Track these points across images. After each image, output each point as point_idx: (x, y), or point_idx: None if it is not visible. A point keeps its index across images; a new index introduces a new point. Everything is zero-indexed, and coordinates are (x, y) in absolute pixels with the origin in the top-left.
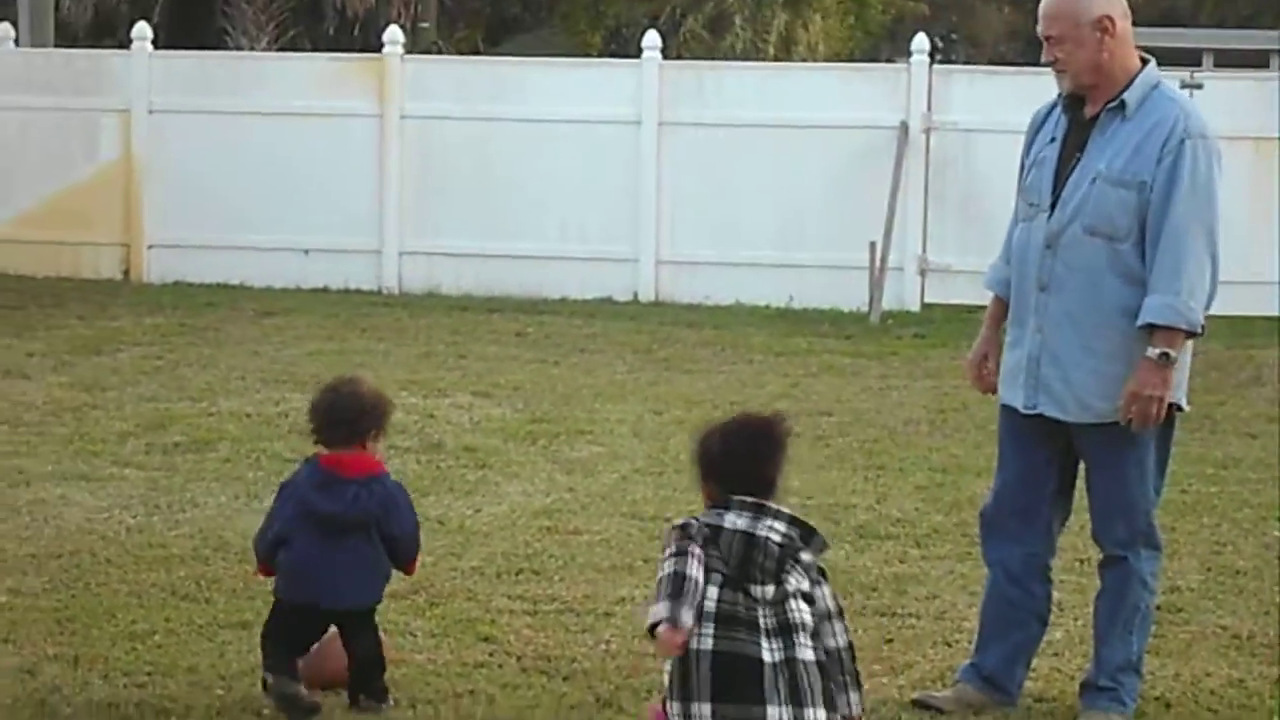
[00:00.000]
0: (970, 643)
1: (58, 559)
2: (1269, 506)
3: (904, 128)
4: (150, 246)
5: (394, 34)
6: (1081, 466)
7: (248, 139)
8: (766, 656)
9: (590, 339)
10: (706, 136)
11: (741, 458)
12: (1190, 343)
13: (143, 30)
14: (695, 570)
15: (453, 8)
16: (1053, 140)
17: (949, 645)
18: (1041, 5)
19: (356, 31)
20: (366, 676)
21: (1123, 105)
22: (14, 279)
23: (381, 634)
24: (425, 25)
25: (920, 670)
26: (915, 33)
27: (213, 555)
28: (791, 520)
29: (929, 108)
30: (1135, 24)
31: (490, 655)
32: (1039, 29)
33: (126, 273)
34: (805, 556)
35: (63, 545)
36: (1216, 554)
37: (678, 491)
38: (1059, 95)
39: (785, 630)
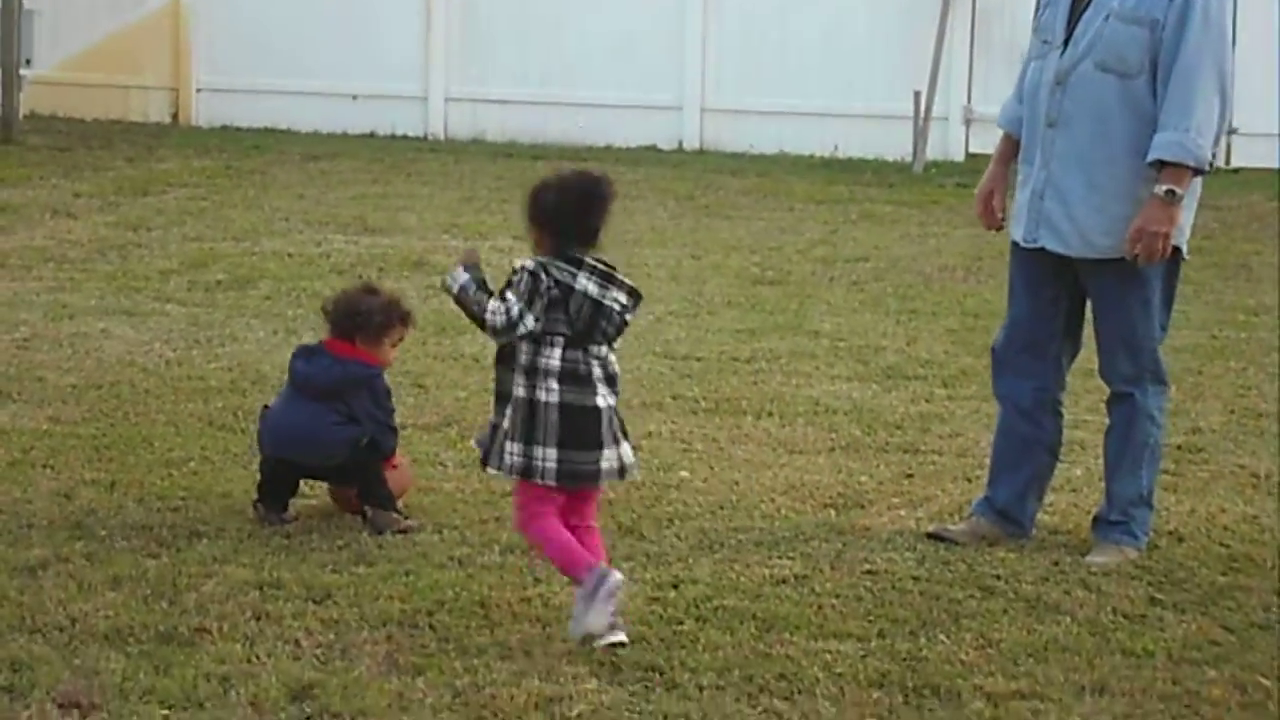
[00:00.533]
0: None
1: (98, 389)
2: None
3: None
4: (199, 90)
5: None
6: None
7: None
8: (601, 403)
9: (633, 186)
10: None
11: (573, 210)
12: (1198, 184)
13: None
14: (530, 319)
15: None
16: None
17: (969, 480)
18: None
19: None
20: (367, 493)
21: None
22: (63, 121)
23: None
24: None
25: (939, 504)
26: None
27: (250, 387)
28: (630, 290)
29: None
30: None
31: None
32: None
33: (175, 116)
34: (629, 318)
35: (103, 376)
36: (1240, 397)
37: (710, 333)
38: None
39: (609, 380)
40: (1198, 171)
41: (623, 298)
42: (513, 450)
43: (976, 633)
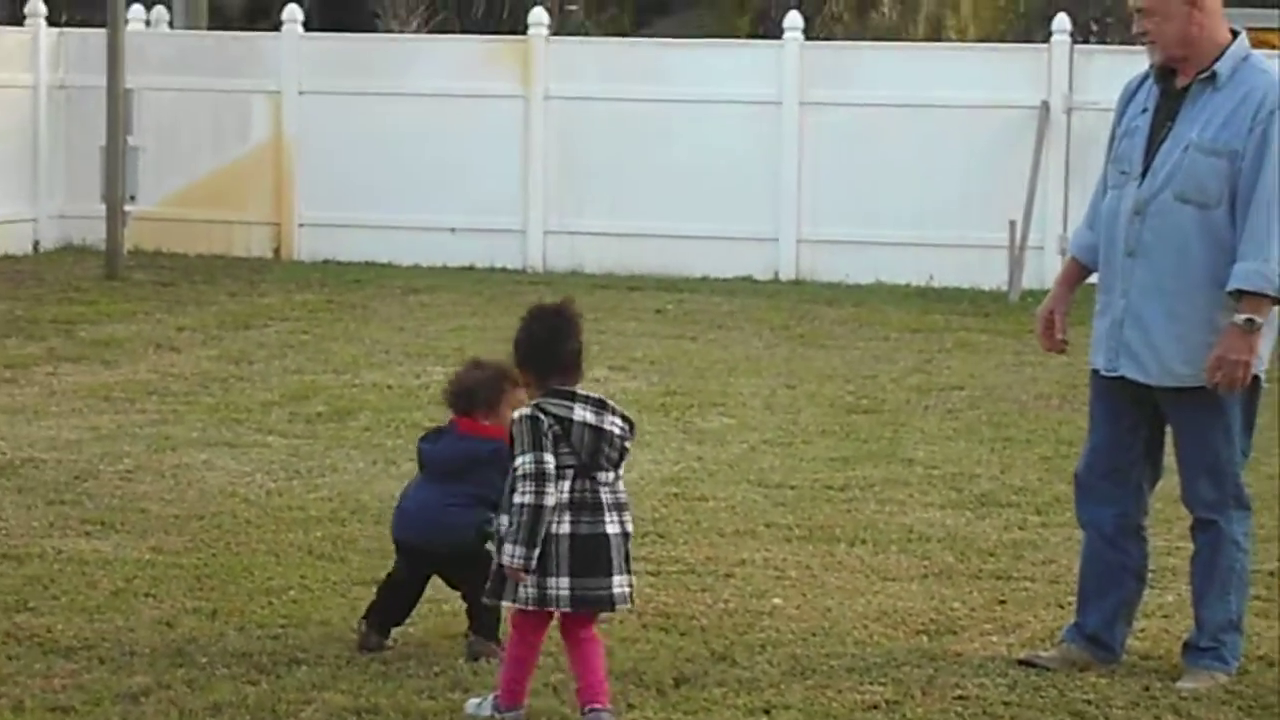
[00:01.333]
0: None
1: (199, 520)
2: None
3: (1045, 107)
4: (301, 225)
5: (539, 15)
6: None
7: (395, 120)
8: (611, 529)
9: (728, 316)
10: (846, 116)
11: (543, 343)
12: (1276, 312)
13: (294, 13)
14: (548, 498)
15: None
16: (1144, 111)
17: (1061, 607)
18: None
19: (505, 15)
20: (474, 614)
21: (1214, 76)
22: (168, 256)
23: None
24: (574, 7)
25: (1030, 630)
26: (1068, 13)
27: (350, 517)
28: (624, 416)
29: (1070, 87)
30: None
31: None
32: (1130, 1)
33: (277, 251)
34: (629, 444)
35: (205, 507)
36: None
37: (804, 461)
38: (1150, 67)
39: (618, 506)
40: (1277, 300)
41: (619, 421)
42: (527, 584)
43: None
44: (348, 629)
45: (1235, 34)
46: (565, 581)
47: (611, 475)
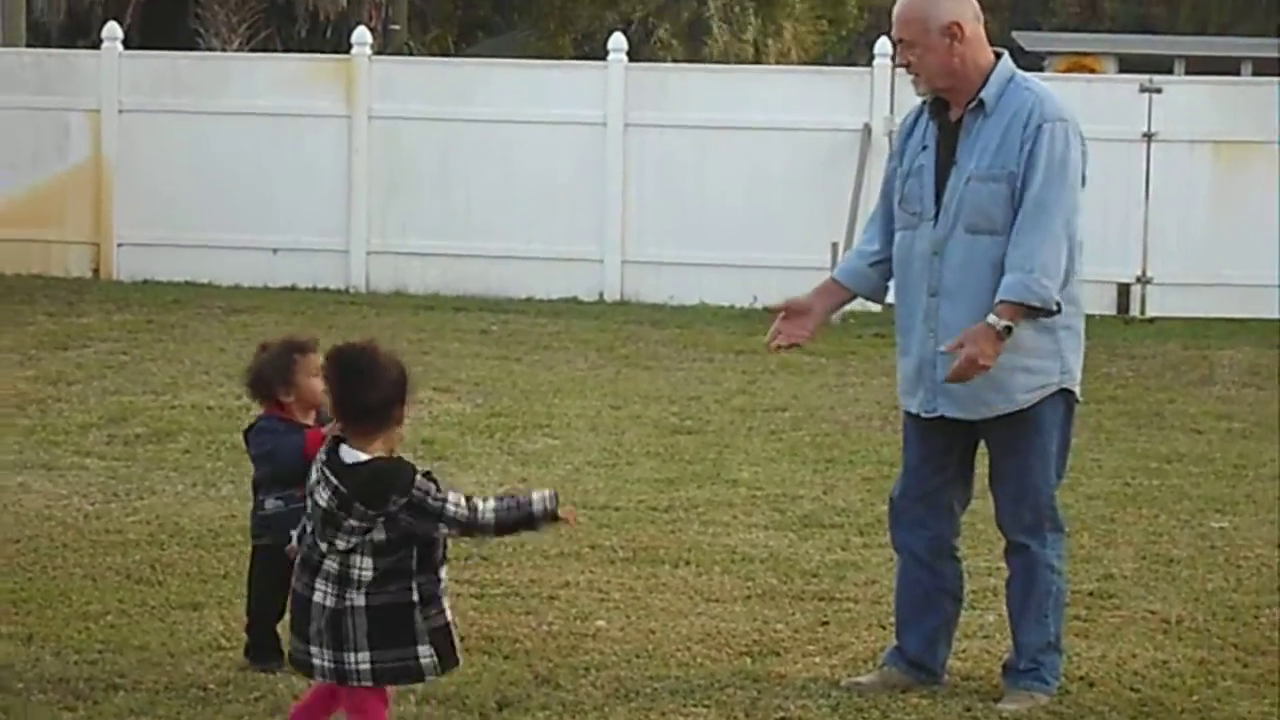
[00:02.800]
0: None
1: (15, 544)
2: (1208, 499)
3: (867, 130)
4: (120, 245)
5: (362, 35)
6: (982, 457)
7: (217, 139)
8: (318, 598)
9: (554, 337)
10: (671, 138)
11: (332, 384)
12: (1082, 328)
13: (113, 30)
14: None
15: (424, 10)
16: (925, 148)
17: (883, 628)
18: (895, 9)
19: (329, 34)
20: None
21: (982, 104)
22: None
23: None
24: (396, 27)
25: (854, 651)
26: (888, 37)
27: (168, 540)
28: (336, 490)
29: (892, 110)
30: (1107, 30)
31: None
32: (892, 33)
33: (96, 270)
34: (351, 522)
35: (21, 530)
36: (1152, 543)
37: (629, 483)
38: (923, 101)
39: (342, 580)
40: (1038, 311)
41: (325, 495)
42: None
43: None
44: (165, 654)
45: (999, 56)
46: (305, 646)
47: (325, 546)
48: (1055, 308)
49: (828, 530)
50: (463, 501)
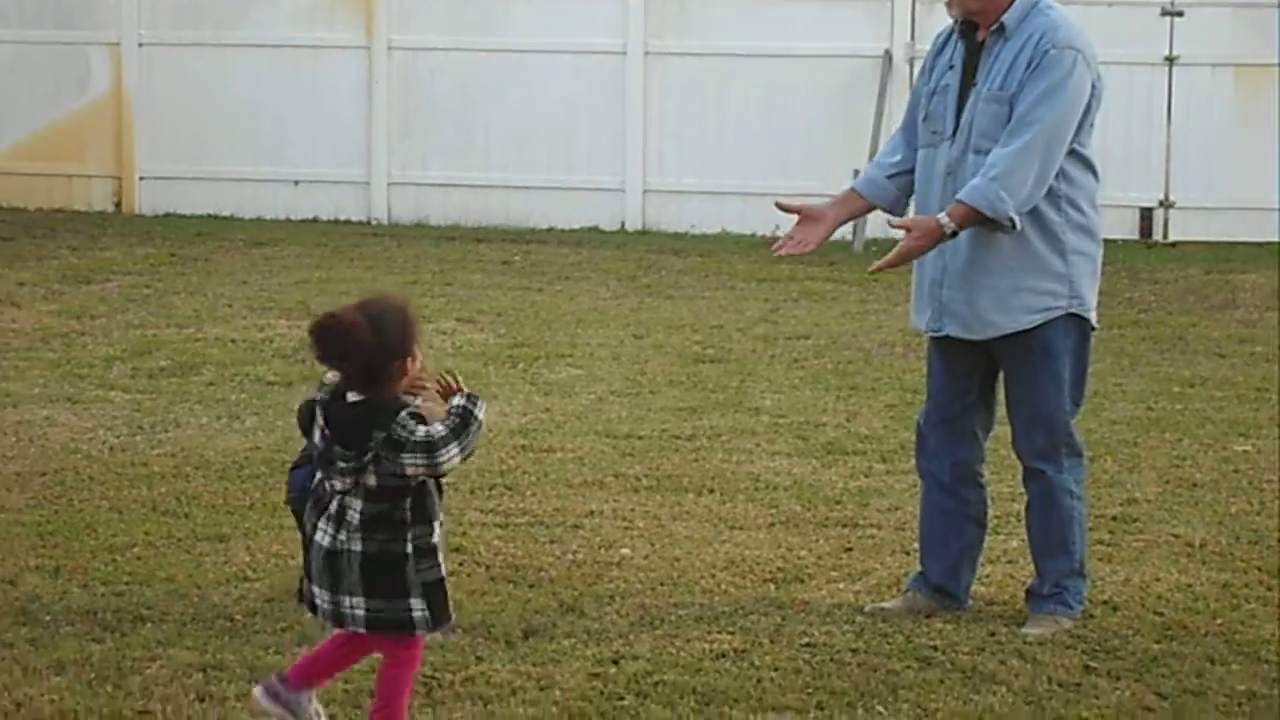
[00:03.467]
0: None
1: (42, 476)
2: (1231, 423)
3: (888, 57)
4: (141, 178)
5: None
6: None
7: (237, 71)
8: (320, 539)
9: (575, 267)
10: (692, 66)
11: (319, 356)
12: (1099, 255)
13: None
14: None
15: None
16: (951, 68)
17: (907, 554)
18: None
19: None
20: None
21: (1003, 27)
22: (6, 211)
23: None
24: None
25: (877, 577)
26: None
27: (193, 473)
28: (322, 430)
29: (912, 37)
30: None
31: (460, 565)
32: None
33: (118, 204)
34: (341, 463)
35: (47, 464)
36: (1176, 468)
37: (652, 411)
38: (954, 21)
39: (339, 521)
40: (987, 221)
41: (319, 433)
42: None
43: (914, 703)
44: (191, 586)
45: None
46: (312, 587)
47: (328, 487)
48: (1009, 224)
49: (851, 457)
50: (433, 431)
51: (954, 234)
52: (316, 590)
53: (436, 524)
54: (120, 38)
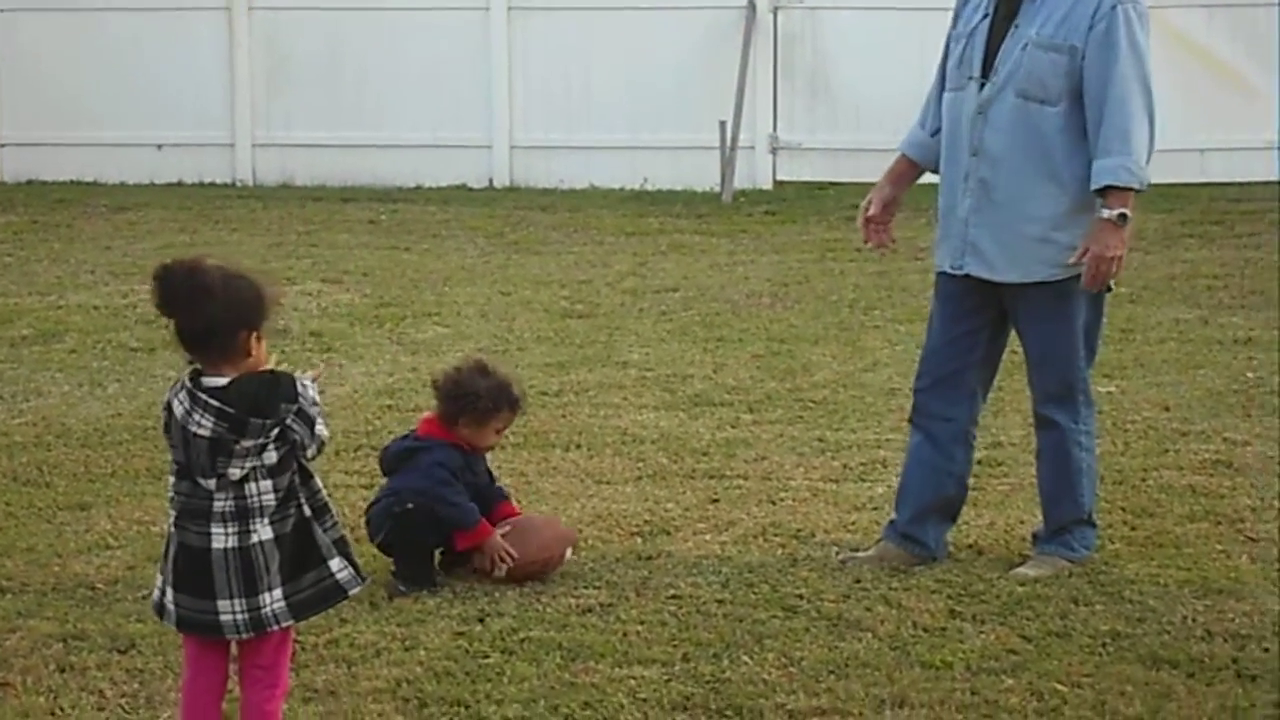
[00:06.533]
0: (793, 500)
1: None
2: (1098, 365)
3: (751, 6)
4: (3, 145)
5: None
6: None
7: (99, 36)
8: (217, 544)
9: (443, 225)
10: (555, 21)
11: (159, 308)
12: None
13: None
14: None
15: None
16: (985, 16)
17: (773, 504)
18: None
19: None
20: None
21: None
22: None
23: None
24: None
25: (744, 527)
26: None
27: (55, 441)
28: (221, 412)
29: None
30: None
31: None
32: None
33: None
34: (246, 444)
35: None
36: None
37: (520, 368)
38: None
39: (241, 515)
40: (1140, 193)
41: (208, 421)
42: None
43: (779, 652)
44: (52, 556)
45: None
46: (171, 595)
47: (214, 481)
48: (1146, 187)
49: (718, 409)
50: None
51: (1124, 219)
52: (221, 605)
53: (316, 479)
54: None
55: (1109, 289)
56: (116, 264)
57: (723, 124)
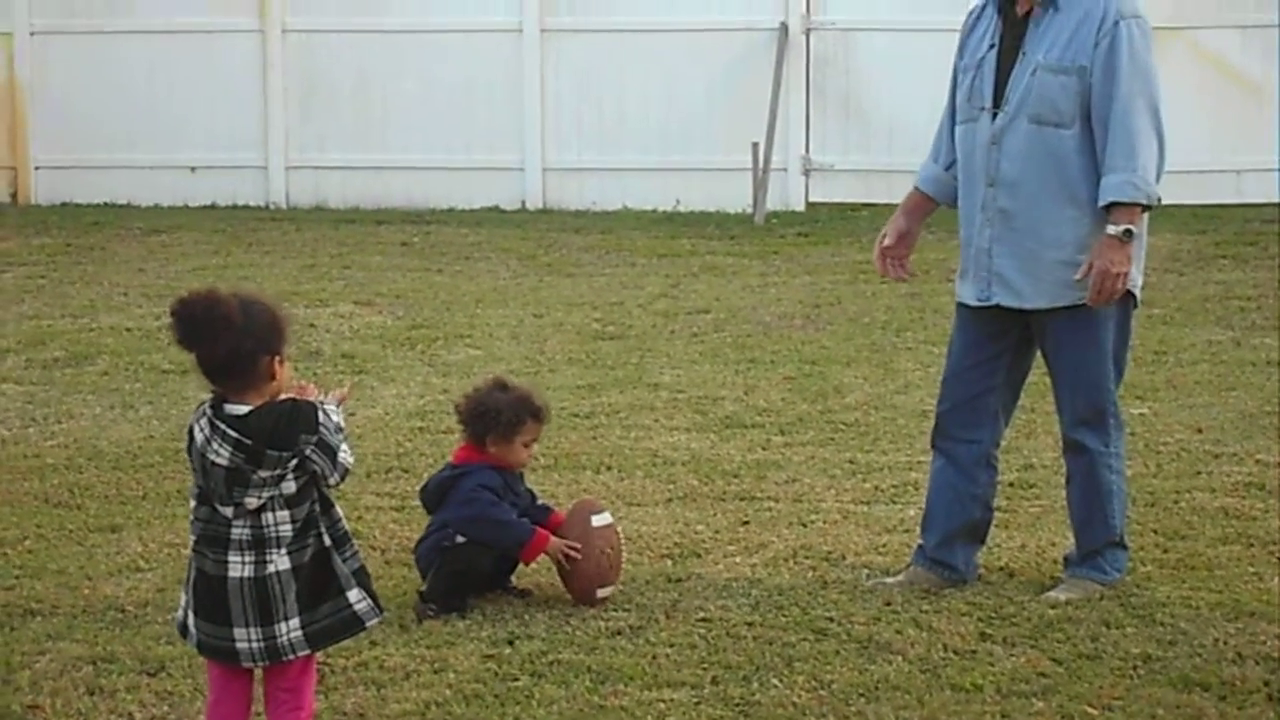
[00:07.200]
0: (824, 523)
1: None
2: (1128, 386)
3: (784, 28)
4: (37, 168)
5: None
6: (1039, 358)
7: (131, 58)
8: (234, 572)
9: (475, 247)
10: (588, 42)
11: (179, 342)
12: (1144, 232)
13: None
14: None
15: None
16: (991, 47)
17: (804, 525)
18: None
19: None
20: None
21: (1054, 0)
22: None
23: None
24: None
25: (774, 550)
26: None
27: (86, 464)
28: (238, 443)
29: (808, 9)
30: None
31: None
32: None
33: (14, 195)
34: (263, 474)
35: None
36: None
37: (551, 390)
38: None
39: (259, 544)
40: (1146, 208)
41: (225, 451)
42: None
43: (809, 675)
44: (82, 578)
45: None
46: (193, 619)
47: (231, 510)
48: (1157, 202)
49: (749, 431)
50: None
51: (1130, 235)
52: (238, 633)
53: (338, 508)
54: (13, 27)
55: (1137, 305)
56: (149, 286)
57: (755, 145)
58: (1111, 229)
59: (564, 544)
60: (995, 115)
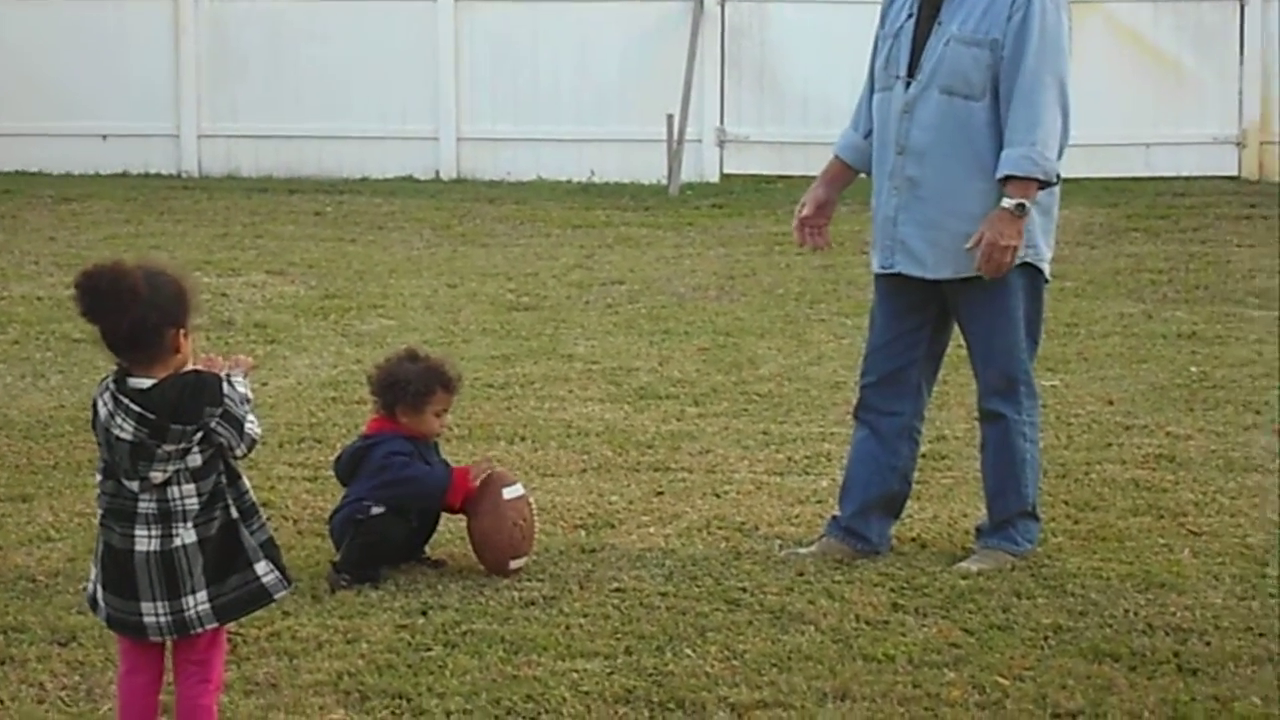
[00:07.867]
0: (737, 494)
1: None
2: (1040, 358)
3: (699, 0)
4: None
5: None
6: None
7: (43, 26)
8: (140, 546)
9: (389, 216)
10: (503, 11)
11: (83, 313)
12: (1055, 207)
13: None
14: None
15: None
16: (910, 16)
17: (718, 496)
18: None
19: None
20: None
21: None
22: None
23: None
24: None
25: (688, 520)
26: None
27: None
28: (141, 417)
29: None
30: None
31: (267, 519)
32: None
33: None
34: (167, 448)
35: None
36: None
37: (465, 360)
38: None
39: (164, 518)
40: (1044, 184)
41: (129, 425)
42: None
43: (722, 645)
44: None
45: None
46: (101, 592)
47: (137, 484)
48: (1056, 179)
49: (663, 402)
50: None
51: (1023, 209)
52: (144, 607)
53: (244, 480)
54: None
55: (1047, 280)
56: (60, 255)
57: (670, 117)
58: (1006, 202)
59: (484, 465)
60: (909, 84)
